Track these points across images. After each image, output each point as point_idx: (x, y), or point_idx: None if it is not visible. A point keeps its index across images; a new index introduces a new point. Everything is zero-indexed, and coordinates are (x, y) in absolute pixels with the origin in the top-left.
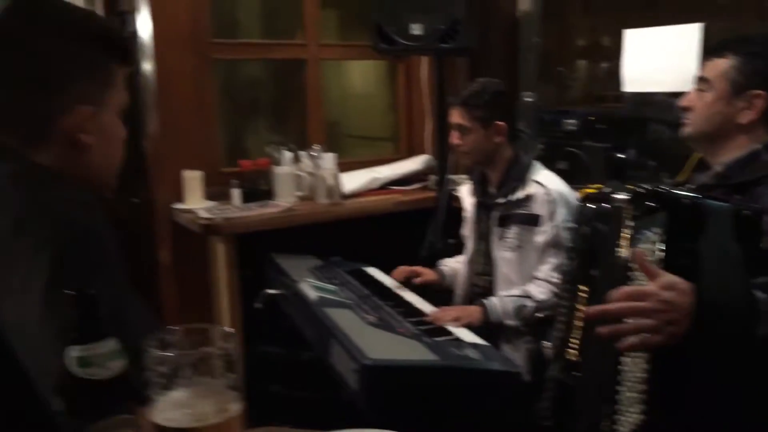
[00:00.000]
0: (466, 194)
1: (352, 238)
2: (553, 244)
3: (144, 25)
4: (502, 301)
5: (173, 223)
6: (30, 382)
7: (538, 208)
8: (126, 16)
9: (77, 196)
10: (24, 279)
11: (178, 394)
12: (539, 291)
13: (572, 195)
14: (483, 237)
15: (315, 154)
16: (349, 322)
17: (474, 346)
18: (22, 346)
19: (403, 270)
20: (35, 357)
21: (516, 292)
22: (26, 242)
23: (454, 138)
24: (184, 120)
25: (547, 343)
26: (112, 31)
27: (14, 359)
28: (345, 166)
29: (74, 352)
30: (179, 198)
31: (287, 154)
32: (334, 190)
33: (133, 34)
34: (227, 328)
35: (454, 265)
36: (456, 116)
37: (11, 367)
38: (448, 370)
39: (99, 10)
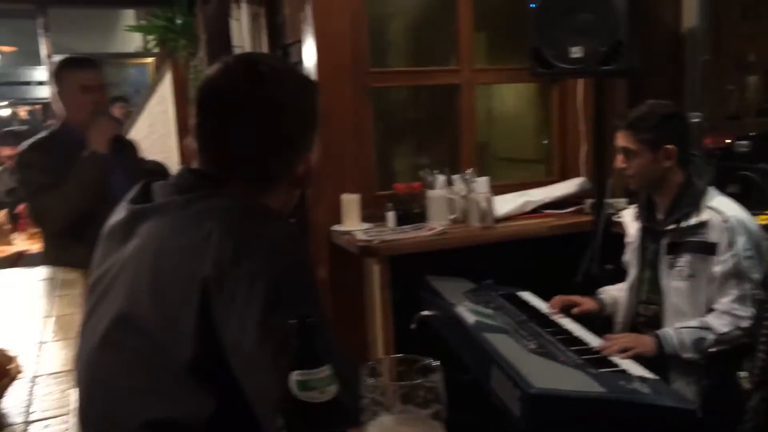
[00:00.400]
0: (629, 219)
1: (504, 262)
2: (734, 275)
3: (309, 55)
4: (678, 332)
5: (331, 243)
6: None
7: (715, 236)
8: (289, 49)
9: (287, 227)
10: (242, 305)
11: (386, 420)
12: (721, 323)
13: (752, 222)
14: (649, 264)
15: (468, 177)
16: (509, 348)
17: (642, 379)
18: (240, 366)
19: (560, 299)
20: (250, 376)
21: (693, 323)
22: (244, 270)
23: (620, 162)
24: (343, 146)
25: (743, 374)
26: (314, 81)
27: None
28: (496, 189)
29: (296, 376)
30: (337, 220)
31: (440, 178)
32: (487, 214)
33: (298, 64)
34: (433, 361)
35: (615, 293)
36: (621, 139)
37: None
38: (615, 403)
39: (264, 43)
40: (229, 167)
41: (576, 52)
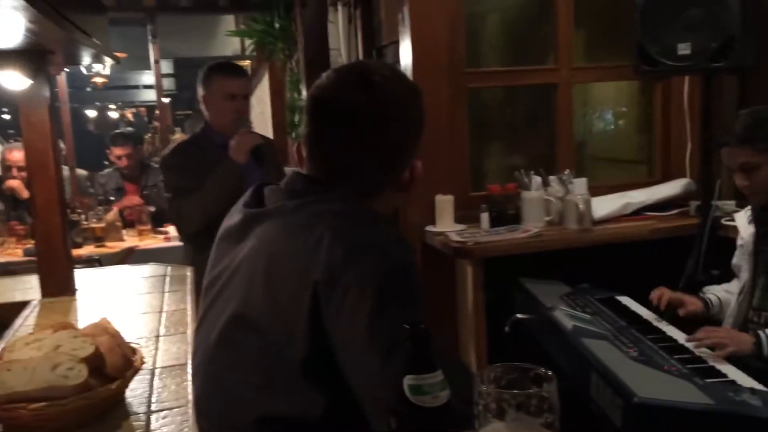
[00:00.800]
0: (743, 221)
1: (600, 265)
2: None
3: (405, 56)
4: None
5: (424, 244)
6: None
7: None
8: (384, 51)
9: (395, 232)
10: (352, 308)
11: (498, 428)
12: None
13: None
14: (764, 270)
15: (565, 178)
16: (609, 354)
17: (753, 391)
18: (349, 367)
19: (663, 293)
20: (358, 378)
21: None
22: (354, 274)
23: (741, 180)
24: (438, 146)
25: None
26: (420, 89)
27: None
28: (594, 190)
29: (409, 380)
30: (431, 221)
31: (536, 179)
32: (584, 216)
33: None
34: (547, 371)
35: (722, 294)
36: (737, 156)
37: None
38: (724, 415)
39: (359, 45)
40: (338, 174)
41: (684, 48)
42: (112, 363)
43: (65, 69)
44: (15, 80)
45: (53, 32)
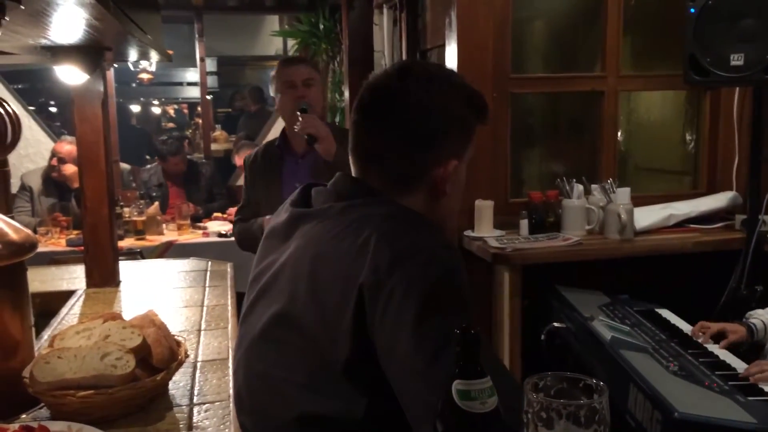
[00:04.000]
0: None
1: (641, 277)
2: None
3: (451, 60)
4: None
5: (462, 248)
6: None
7: None
8: (428, 54)
9: (442, 237)
10: (397, 311)
11: None
12: None
13: None
14: None
15: (608, 187)
16: (649, 368)
17: None
18: (392, 371)
19: (705, 327)
20: (402, 382)
21: None
22: (400, 277)
23: None
24: (480, 151)
25: None
26: (477, 92)
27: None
28: (637, 201)
29: (457, 385)
30: (470, 225)
31: (578, 187)
32: (626, 226)
33: None
34: (599, 382)
35: (766, 317)
36: None
37: None
38: None
39: (403, 48)
40: (370, 161)
41: (737, 59)
42: (158, 354)
43: (114, 65)
44: (72, 75)
45: (113, 28)
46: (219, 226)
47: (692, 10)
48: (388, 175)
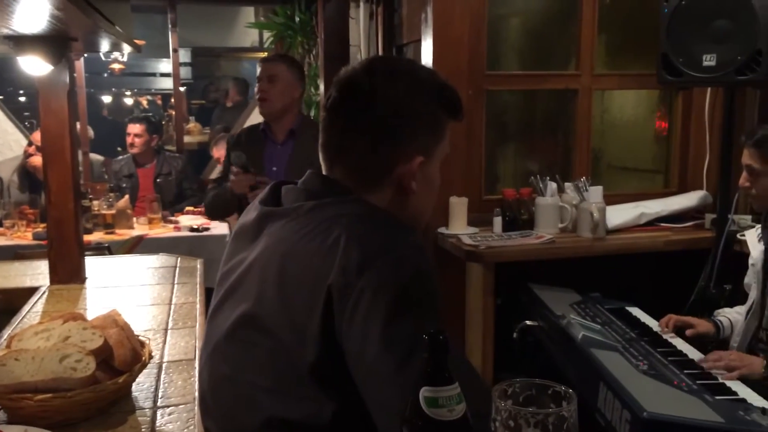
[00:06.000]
0: (753, 239)
1: (613, 275)
2: None
3: (426, 56)
4: None
5: (436, 246)
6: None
7: None
8: (403, 49)
9: (413, 238)
10: (365, 314)
11: None
12: None
13: None
14: None
15: (581, 185)
16: (619, 367)
17: (764, 411)
18: (360, 375)
19: (672, 319)
20: (370, 386)
21: None
22: (369, 280)
23: (743, 179)
24: (454, 148)
25: None
26: (450, 89)
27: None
28: (609, 199)
29: (425, 392)
30: (444, 222)
31: (551, 185)
32: (599, 225)
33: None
34: (569, 389)
35: (733, 315)
36: (747, 157)
37: None
38: None
39: (379, 43)
40: (334, 157)
41: (709, 60)
42: (120, 356)
43: (84, 55)
44: (36, 65)
45: (78, 19)
46: (191, 221)
47: (665, 10)
48: (354, 171)
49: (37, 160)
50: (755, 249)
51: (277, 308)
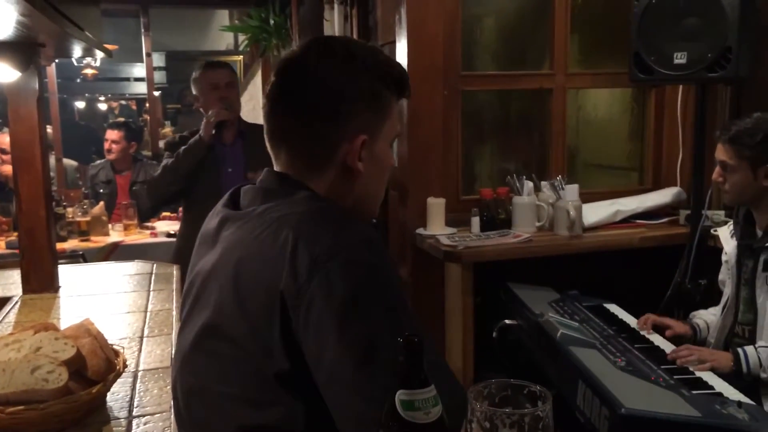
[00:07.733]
0: (726, 235)
1: (590, 272)
2: None
3: (401, 57)
4: (760, 351)
5: (414, 247)
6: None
7: None
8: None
9: (365, 231)
10: (320, 317)
11: None
12: None
13: None
14: (746, 283)
15: (557, 184)
16: (597, 364)
17: (739, 404)
18: (321, 379)
19: (650, 319)
20: (330, 391)
21: None
22: (320, 281)
23: (716, 174)
24: (431, 148)
25: None
26: (394, 65)
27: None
28: (585, 197)
29: (400, 395)
30: (422, 223)
31: (528, 184)
32: (575, 223)
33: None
34: (544, 389)
35: (708, 317)
36: (721, 152)
37: None
38: (710, 428)
39: None
40: (278, 144)
41: (680, 57)
42: (93, 366)
43: (55, 60)
44: (3, 72)
45: (45, 25)
46: (168, 226)
47: (636, 9)
48: (297, 156)
49: (7, 168)
50: (728, 244)
51: (236, 316)
